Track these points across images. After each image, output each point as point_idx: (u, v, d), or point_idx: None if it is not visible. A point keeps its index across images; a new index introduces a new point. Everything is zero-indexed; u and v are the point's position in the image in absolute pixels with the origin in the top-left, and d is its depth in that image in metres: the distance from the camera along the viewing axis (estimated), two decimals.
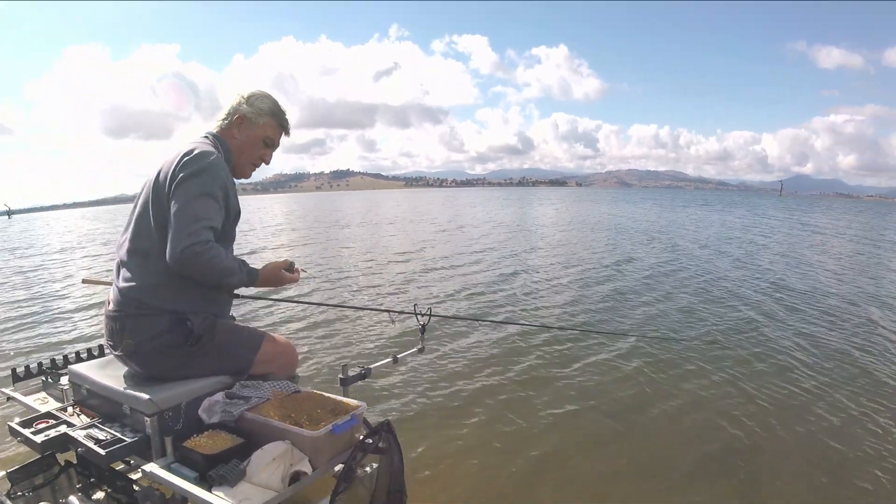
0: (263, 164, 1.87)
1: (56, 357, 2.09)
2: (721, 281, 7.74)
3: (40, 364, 2.06)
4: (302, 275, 1.88)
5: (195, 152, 1.60)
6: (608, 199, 58.33)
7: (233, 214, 1.68)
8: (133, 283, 1.61)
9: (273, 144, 1.83)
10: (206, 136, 1.74)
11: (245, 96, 1.78)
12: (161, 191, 1.59)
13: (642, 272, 8.54)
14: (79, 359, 2.04)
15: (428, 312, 2.30)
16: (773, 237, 15.27)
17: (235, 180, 1.79)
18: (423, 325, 2.32)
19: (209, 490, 1.34)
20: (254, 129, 1.77)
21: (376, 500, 1.55)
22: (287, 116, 1.84)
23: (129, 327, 1.61)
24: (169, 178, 1.58)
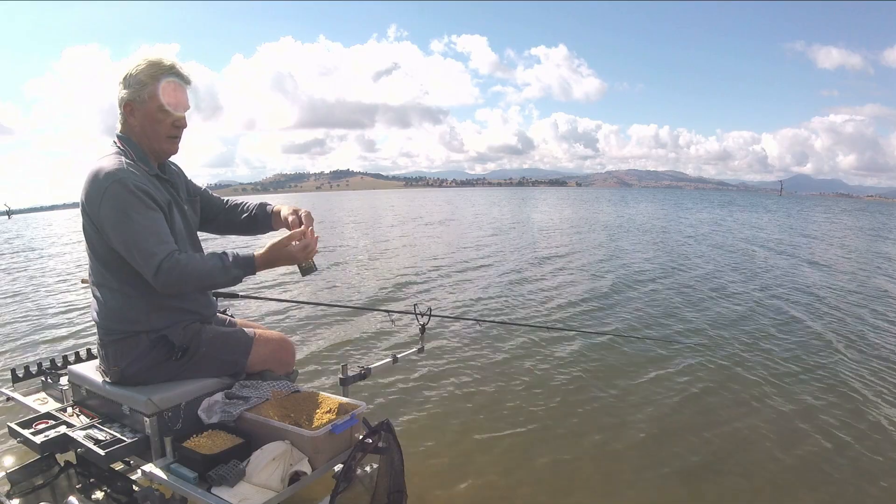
0: (184, 129, 1.66)
1: (56, 357, 2.09)
2: (716, 277, 7.75)
3: (40, 364, 2.06)
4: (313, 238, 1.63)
5: (92, 181, 1.49)
6: (615, 199, 57.85)
7: (165, 205, 1.57)
8: (101, 312, 1.62)
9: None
10: (114, 142, 1.61)
11: (121, 81, 1.57)
12: (88, 228, 1.54)
13: (643, 274, 8.54)
14: (78, 359, 2.05)
15: (428, 312, 2.30)
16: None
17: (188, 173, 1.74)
18: (423, 325, 2.32)
19: (209, 490, 1.34)
20: (145, 107, 1.57)
21: (376, 501, 1.55)
22: (175, 66, 1.58)
23: (112, 355, 1.61)
24: (88, 215, 1.52)
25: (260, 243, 1.62)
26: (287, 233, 1.65)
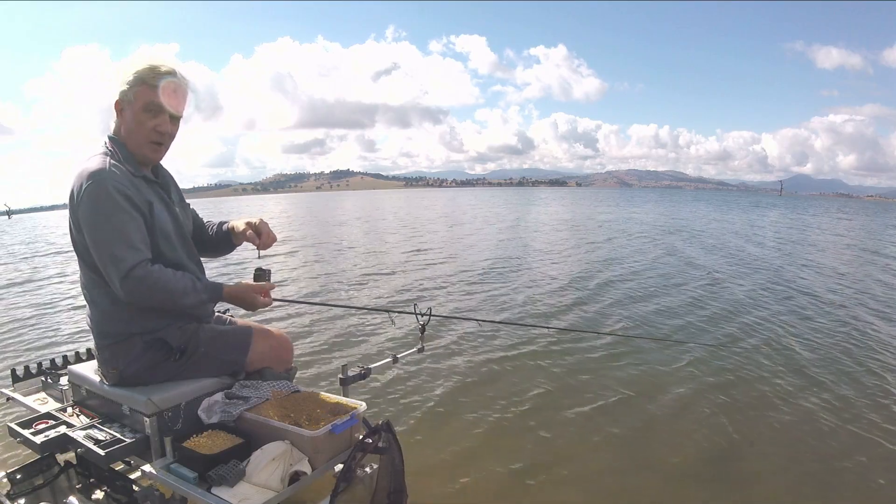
0: (169, 136, 1.61)
1: (56, 357, 2.08)
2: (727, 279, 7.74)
3: (40, 364, 2.06)
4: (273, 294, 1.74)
5: (76, 180, 1.48)
6: (623, 199, 57.08)
7: (146, 207, 1.53)
8: (94, 316, 1.61)
9: (157, 108, 1.55)
10: (104, 142, 1.60)
11: (118, 81, 1.57)
12: (74, 230, 1.54)
13: (645, 274, 8.53)
14: (78, 359, 2.04)
15: (428, 312, 2.30)
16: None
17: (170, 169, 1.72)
18: (423, 325, 2.32)
19: (208, 490, 1.34)
20: (131, 107, 1.55)
21: (376, 501, 1.54)
22: (163, 67, 1.54)
23: (109, 358, 1.60)
24: (71, 216, 1.52)
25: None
26: (257, 246, 1.77)
